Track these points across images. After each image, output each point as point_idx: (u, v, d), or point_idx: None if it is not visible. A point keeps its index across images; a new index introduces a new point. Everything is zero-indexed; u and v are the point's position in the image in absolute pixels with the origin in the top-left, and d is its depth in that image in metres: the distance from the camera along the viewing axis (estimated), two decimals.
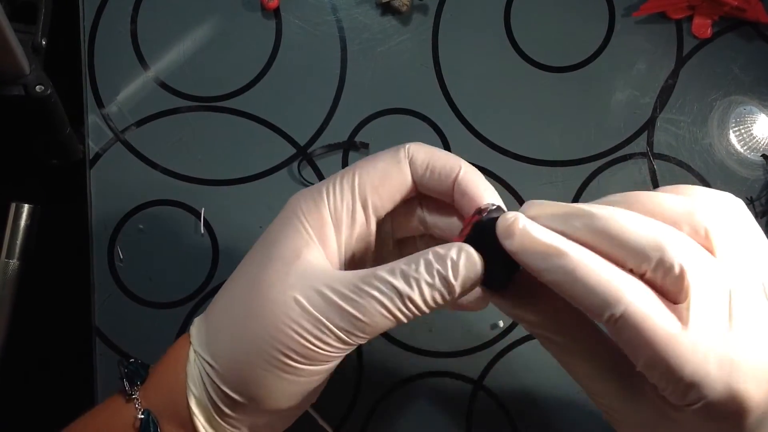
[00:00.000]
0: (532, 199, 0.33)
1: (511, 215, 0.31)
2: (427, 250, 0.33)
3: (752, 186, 0.48)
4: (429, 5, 0.50)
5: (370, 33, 0.50)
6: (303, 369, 0.33)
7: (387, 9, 0.50)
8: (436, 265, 0.32)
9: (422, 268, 0.32)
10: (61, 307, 0.61)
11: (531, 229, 0.31)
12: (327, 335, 0.33)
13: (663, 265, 0.29)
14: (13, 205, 0.54)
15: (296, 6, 0.51)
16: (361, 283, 0.32)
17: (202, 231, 0.50)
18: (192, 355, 0.35)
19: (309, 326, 0.32)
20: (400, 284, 0.32)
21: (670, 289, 0.29)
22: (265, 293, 0.33)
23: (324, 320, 0.32)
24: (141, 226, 0.50)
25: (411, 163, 0.36)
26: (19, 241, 0.53)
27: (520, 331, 0.48)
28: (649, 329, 0.29)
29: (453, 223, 0.38)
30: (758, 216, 0.48)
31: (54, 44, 0.50)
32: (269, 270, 0.34)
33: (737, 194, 0.39)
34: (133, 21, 0.51)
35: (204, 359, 0.35)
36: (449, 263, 0.32)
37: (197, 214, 0.50)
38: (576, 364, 0.33)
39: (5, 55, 0.45)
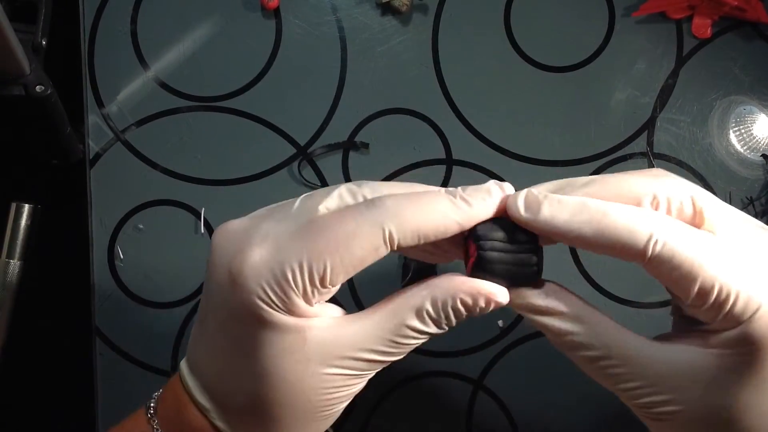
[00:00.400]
0: None
1: (519, 192, 0.32)
2: (454, 291, 0.32)
3: (752, 186, 0.48)
4: (429, 5, 0.50)
5: (370, 33, 0.50)
6: (344, 405, 0.34)
7: (387, 9, 0.50)
8: (464, 312, 0.33)
9: (452, 317, 0.33)
10: (61, 307, 0.61)
11: (547, 193, 0.32)
12: (367, 378, 0.34)
13: (674, 201, 0.31)
14: (13, 205, 0.54)
15: (296, 6, 0.51)
16: (395, 336, 0.32)
17: (202, 231, 0.50)
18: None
19: (352, 382, 0.33)
20: (432, 329, 0.33)
21: (685, 220, 0.32)
22: (295, 386, 0.32)
23: (366, 374, 0.33)
24: (141, 226, 0.50)
25: (398, 246, 0.31)
26: (19, 241, 0.53)
27: (520, 331, 0.48)
28: (694, 248, 0.30)
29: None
30: (758, 216, 0.48)
31: (54, 44, 0.50)
32: (283, 364, 0.32)
33: (737, 194, 0.39)
34: (133, 21, 0.51)
35: None
36: (478, 310, 0.33)
37: (197, 214, 0.50)
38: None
39: (5, 55, 0.44)
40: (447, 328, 0.33)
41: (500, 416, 0.48)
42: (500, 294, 0.33)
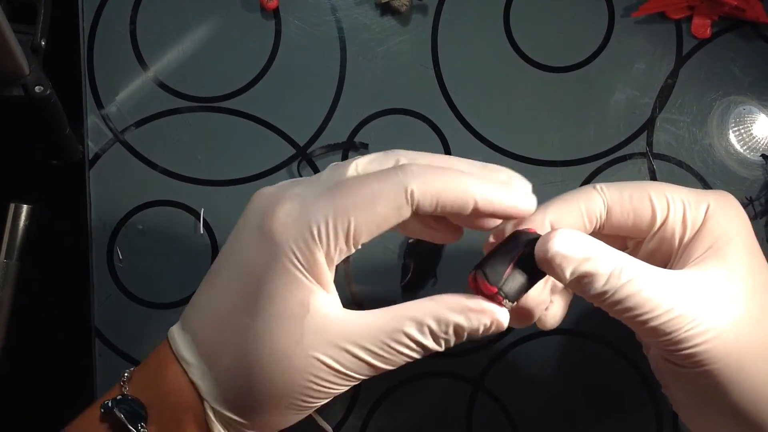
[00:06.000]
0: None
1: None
2: (458, 306, 0.33)
3: (752, 186, 0.48)
4: (428, 5, 0.50)
5: (370, 33, 0.50)
6: (321, 402, 0.35)
7: (386, 9, 0.50)
8: (467, 328, 0.33)
9: (451, 331, 0.33)
10: (61, 307, 0.61)
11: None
12: (352, 382, 0.34)
13: None
14: (12, 206, 0.54)
15: (296, 6, 0.51)
16: (389, 340, 0.33)
17: (202, 231, 0.50)
18: (206, 407, 0.34)
19: (336, 380, 0.33)
20: (429, 343, 0.33)
21: None
22: (282, 359, 0.32)
23: (352, 374, 0.33)
24: (140, 227, 0.50)
25: (417, 208, 0.33)
26: (18, 242, 0.53)
27: (520, 332, 0.48)
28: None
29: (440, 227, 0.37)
30: (758, 216, 0.48)
31: (53, 45, 0.50)
32: (279, 330, 0.32)
33: (737, 194, 0.39)
34: (133, 21, 0.51)
35: (225, 413, 0.34)
36: (481, 329, 0.33)
37: (197, 214, 0.50)
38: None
39: (5, 55, 0.44)
40: (443, 347, 0.33)
41: (500, 416, 0.48)
42: (504, 318, 0.33)
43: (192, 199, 0.50)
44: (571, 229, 0.33)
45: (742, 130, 0.49)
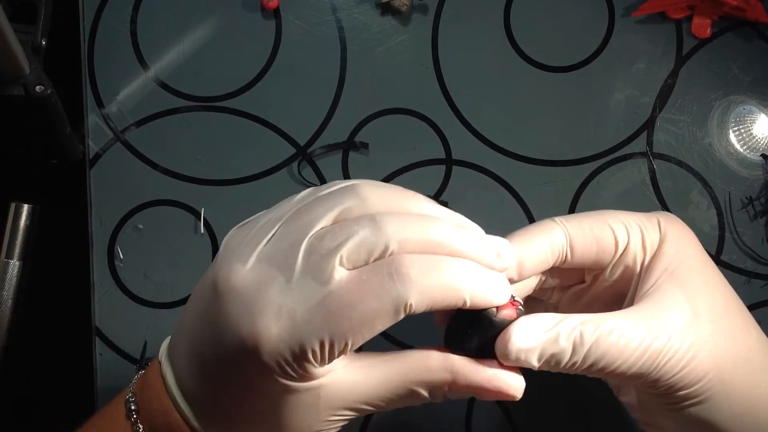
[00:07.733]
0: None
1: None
2: (476, 384, 0.34)
3: (752, 186, 0.48)
4: (429, 5, 0.50)
5: (370, 33, 0.50)
6: None
7: (387, 9, 0.50)
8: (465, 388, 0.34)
9: (453, 387, 0.34)
10: (61, 307, 0.61)
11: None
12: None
13: None
14: (12, 205, 0.54)
15: (296, 6, 0.51)
16: (395, 397, 0.33)
17: (202, 231, 0.50)
18: None
19: (347, 421, 0.34)
20: (428, 395, 0.34)
21: None
22: (305, 430, 0.33)
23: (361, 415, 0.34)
24: (140, 226, 0.50)
25: (409, 314, 0.31)
26: (18, 241, 0.53)
27: None
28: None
29: None
30: (758, 216, 0.48)
31: (54, 44, 0.50)
32: (296, 419, 0.33)
33: (737, 194, 0.39)
34: (133, 21, 0.51)
35: None
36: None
37: (197, 214, 0.50)
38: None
39: (5, 55, 0.44)
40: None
41: (500, 416, 0.48)
42: (520, 392, 0.34)
43: (192, 198, 0.50)
44: (523, 319, 0.33)
45: (742, 130, 0.49)
